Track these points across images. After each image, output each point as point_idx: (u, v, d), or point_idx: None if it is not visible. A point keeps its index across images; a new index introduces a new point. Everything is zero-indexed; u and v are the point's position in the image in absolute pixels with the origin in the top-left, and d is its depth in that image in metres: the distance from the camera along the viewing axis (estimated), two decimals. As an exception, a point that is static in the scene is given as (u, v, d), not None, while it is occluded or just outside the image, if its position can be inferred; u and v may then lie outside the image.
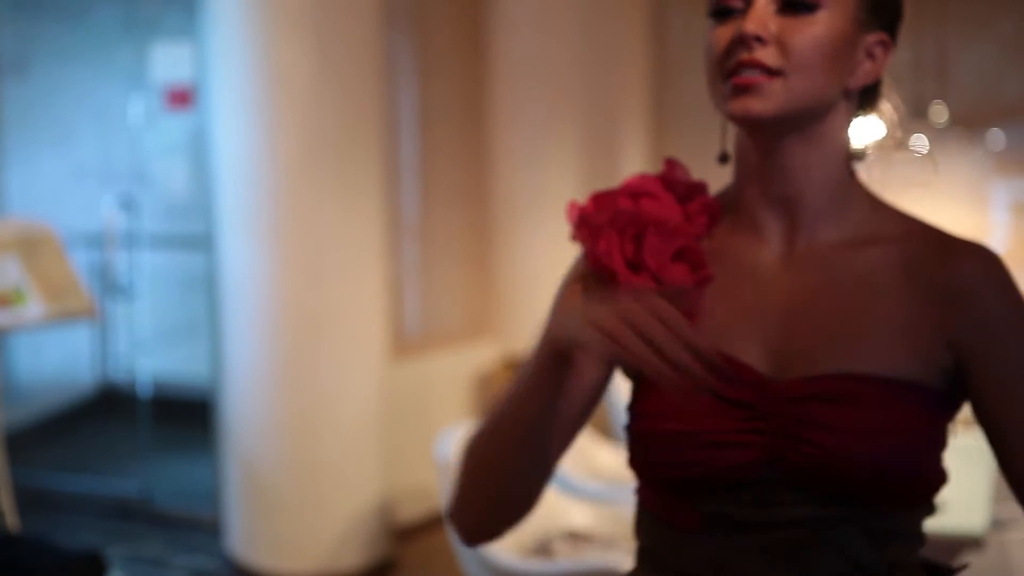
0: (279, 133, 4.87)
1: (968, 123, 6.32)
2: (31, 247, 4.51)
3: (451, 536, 3.76)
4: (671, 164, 1.42)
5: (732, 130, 1.39)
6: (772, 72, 1.28)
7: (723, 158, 1.40)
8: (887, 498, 1.30)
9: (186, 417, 6.50)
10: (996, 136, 6.72)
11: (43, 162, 7.36)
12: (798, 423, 1.27)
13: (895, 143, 1.46)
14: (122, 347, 7.20)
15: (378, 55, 5.15)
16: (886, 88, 1.44)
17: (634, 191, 1.38)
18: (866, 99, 1.41)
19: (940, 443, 1.32)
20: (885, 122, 1.45)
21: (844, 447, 1.26)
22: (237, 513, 5.08)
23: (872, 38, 1.35)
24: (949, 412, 1.34)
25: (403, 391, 5.59)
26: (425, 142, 6.11)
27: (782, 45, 1.28)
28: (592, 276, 1.36)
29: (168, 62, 6.90)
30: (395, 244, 5.74)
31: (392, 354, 5.42)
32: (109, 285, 6.46)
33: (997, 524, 4.08)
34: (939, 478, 1.33)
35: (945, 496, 3.96)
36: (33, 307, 4.40)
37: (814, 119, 1.32)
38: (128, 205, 6.64)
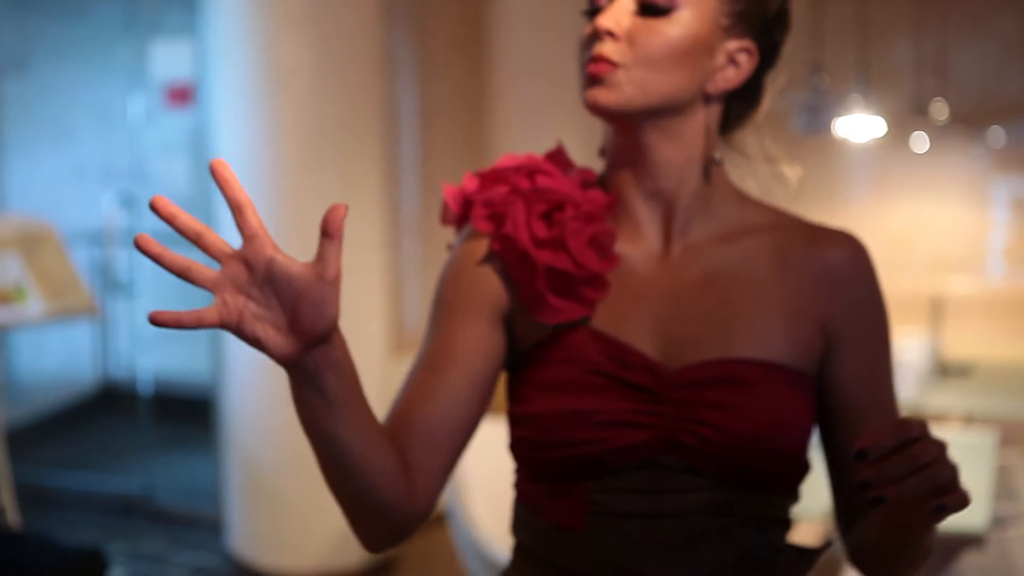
0: (279, 130, 4.88)
1: (968, 121, 6.32)
2: (32, 244, 4.51)
3: (452, 533, 3.76)
4: (560, 148, 1.46)
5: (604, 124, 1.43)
6: (624, 66, 1.32)
7: (603, 152, 1.44)
8: (772, 481, 1.33)
9: (187, 415, 6.50)
10: (996, 134, 6.72)
11: (43, 159, 7.36)
12: (691, 405, 1.30)
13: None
14: (123, 345, 7.20)
15: (378, 52, 5.15)
16: (765, 97, 1.46)
17: (529, 167, 1.41)
18: (740, 105, 1.44)
19: (811, 428, 1.38)
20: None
21: (735, 427, 1.29)
22: (238, 511, 5.09)
23: (734, 44, 1.37)
24: (816, 401, 1.40)
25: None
26: (425, 139, 6.11)
27: (632, 41, 1.32)
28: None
29: (168, 60, 6.90)
30: (396, 241, 5.74)
31: (393, 350, 5.41)
32: (110, 282, 6.46)
33: (997, 521, 4.09)
34: (808, 465, 1.38)
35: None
36: (34, 304, 4.40)
37: (671, 116, 1.36)
38: (128, 203, 6.64)
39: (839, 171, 6.74)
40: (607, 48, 1.33)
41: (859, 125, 3.86)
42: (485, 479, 3.51)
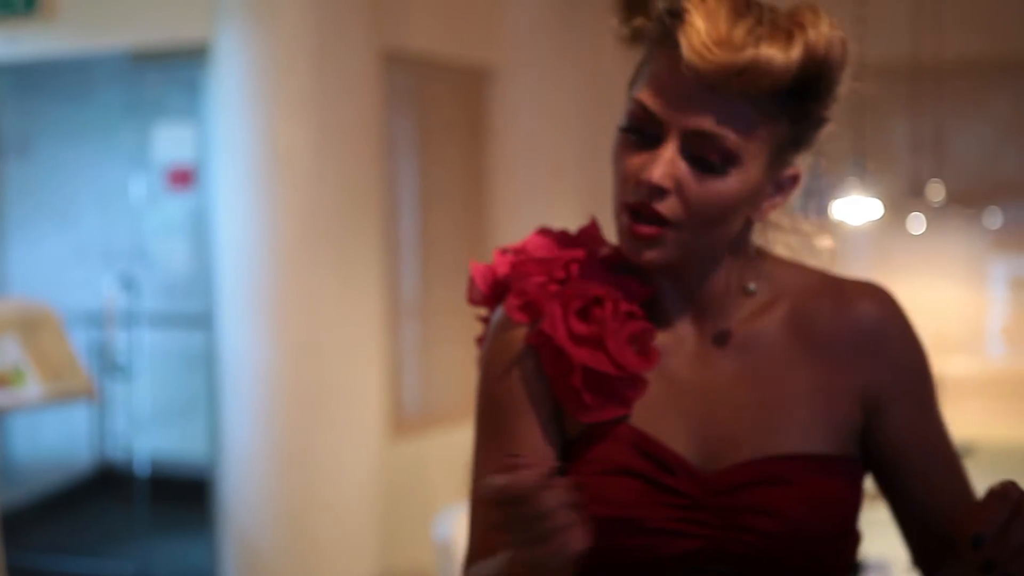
0: (279, 213, 4.90)
1: (965, 201, 6.35)
2: (31, 327, 4.51)
3: (450, 618, 3.72)
4: (593, 224, 1.41)
5: None
6: (673, 224, 1.25)
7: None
8: (826, 571, 1.29)
9: (184, 497, 6.46)
10: (993, 213, 6.75)
11: (45, 241, 7.38)
12: (735, 512, 1.26)
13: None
14: (120, 426, 7.18)
15: (378, 136, 5.19)
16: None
17: (565, 258, 1.35)
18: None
19: (859, 507, 1.33)
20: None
21: (783, 529, 1.25)
22: (235, 595, 5.04)
23: (786, 173, 1.30)
24: (863, 477, 1.35)
25: (402, 470, 5.56)
26: (425, 221, 6.13)
27: (683, 197, 1.24)
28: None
29: (170, 142, 6.95)
30: (394, 323, 5.74)
31: (391, 433, 5.39)
32: (108, 364, 6.45)
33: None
34: (858, 538, 1.34)
35: None
36: (32, 387, 4.39)
37: (714, 250, 1.31)
38: (128, 284, 6.65)
39: (837, 252, 6.76)
40: (660, 206, 1.24)
41: (856, 207, 3.88)
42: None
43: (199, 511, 5.62)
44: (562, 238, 1.38)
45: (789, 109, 1.25)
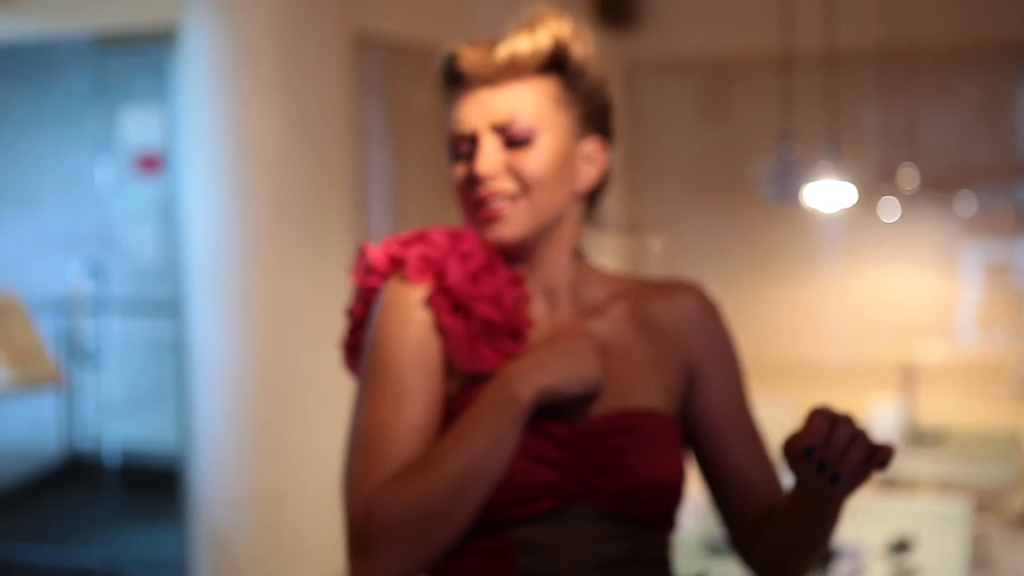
0: (249, 199, 4.85)
1: (938, 186, 6.36)
2: (-4, 314, 4.46)
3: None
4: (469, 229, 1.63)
5: None
6: (513, 196, 1.53)
7: None
8: (669, 518, 1.57)
9: (154, 486, 6.43)
10: (966, 199, 6.76)
11: (9, 227, 7.31)
12: (598, 451, 1.51)
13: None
14: (89, 415, 7.12)
15: (348, 120, 5.15)
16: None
17: (450, 233, 1.58)
18: (594, 199, 1.65)
19: (685, 463, 1.60)
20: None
21: (639, 468, 1.51)
22: (204, 584, 5.00)
23: (589, 145, 1.60)
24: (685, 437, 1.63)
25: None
26: (397, 208, 6.10)
27: (513, 172, 1.53)
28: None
29: (137, 127, 6.89)
30: (366, 310, 5.71)
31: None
32: (76, 351, 6.40)
33: (974, 591, 4.05)
34: (684, 497, 1.60)
35: (921, 563, 3.92)
36: (-4, 375, 4.34)
37: (552, 228, 1.57)
38: (95, 271, 6.59)
39: (809, 239, 6.76)
40: (497, 186, 1.52)
41: (829, 193, 3.86)
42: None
43: (169, 500, 5.59)
44: (443, 228, 1.60)
45: (562, 83, 1.56)
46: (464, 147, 1.55)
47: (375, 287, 1.61)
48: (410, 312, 1.54)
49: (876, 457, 1.37)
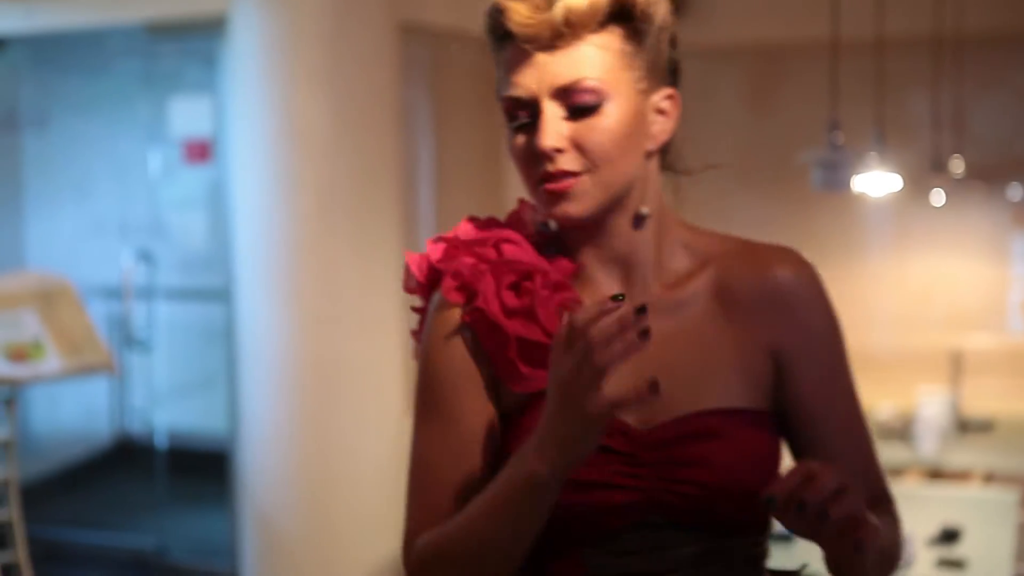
0: (296, 186, 4.89)
1: (986, 176, 6.31)
2: (49, 300, 4.52)
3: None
4: (523, 206, 1.50)
5: None
6: (579, 172, 1.36)
7: (546, 227, 1.46)
8: (754, 522, 1.40)
9: (203, 470, 6.48)
10: (1015, 189, 6.70)
11: (62, 215, 7.39)
12: (670, 465, 1.35)
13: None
14: (139, 400, 7.20)
15: (395, 108, 5.17)
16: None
17: (496, 238, 1.44)
18: (666, 152, 1.49)
19: (779, 460, 1.42)
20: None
21: (714, 480, 1.35)
22: (253, 568, 5.05)
23: (658, 97, 1.42)
24: (779, 429, 1.45)
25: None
26: (442, 195, 6.12)
27: (579, 147, 1.36)
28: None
29: (187, 116, 6.94)
30: (412, 297, 5.73)
31: (410, 408, 5.39)
32: (127, 337, 6.47)
33: (1021, 581, 4.03)
34: None
35: (967, 553, 3.90)
36: (51, 361, 4.40)
37: (624, 194, 1.41)
38: (146, 258, 6.65)
39: (857, 227, 6.73)
40: (562, 162, 1.36)
41: (876, 182, 3.85)
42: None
43: (218, 485, 5.64)
44: (490, 223, 1.48)
45: (624, 32, 1.38)
46: (520, 112, 1.39)
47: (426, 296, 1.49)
48: (449, 334, 1.42)
49: (850, 533, 1.23)
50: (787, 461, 1.43)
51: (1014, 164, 6.72)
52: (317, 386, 4.91)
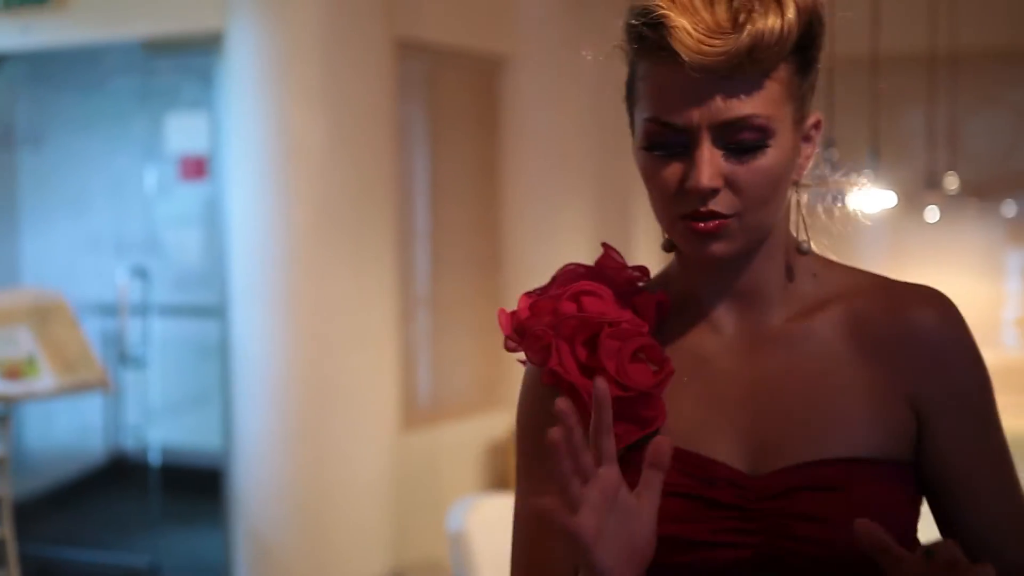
0: (292, 203, 4.89)
1: (981, 193, 6.32)
2: (44, 316, 4.52)
3: (462, 610, 3.71)
4: (608, 251, 1.38)
5: None
6: (728, 217, 1.22)
7: (668, 246, 1.34)
8: None
9: (197, 487, 6.47)
10: (1008, 205, 6.72)
11: (58, 231, 7.39)
12: (784, 518, 1.22)
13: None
14: (133, 416, 7.18)
15: (391, 125, 5.18)
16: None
17: (574, 291, 1.32)
18: None
19: (915, 516, 1.29)
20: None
21: (835, 537, 1.20)
22: (247, 585, 5.04)
23: (807, 124, 1.28)
24: (919, 484, 1.29)
25: (415, 461, 5.55)
26: (438, 211, 6.12)
27: (734, 187, 1.21)
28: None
29: (183, 132, 6.95)
30: (407, 313, 5.73)
31: (404, 424, 5.39)
32: (121, 354, 6.46)
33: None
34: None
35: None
36: (45, 378, 4.40)
37: (769, 232, 1.28)
38: (141, 274, 6.65)
39: (852, 243, 6.74)
40: (715, 203, 1.21)
41: (871, 198, 3.86)
42: (496, 555, 3.48)
43: (212, 502, 5.63)
44: (578, 274, 1.36)
45: (796, 62, 1.22)
46: (668, 137, 1.22)
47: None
48: (535, 395, 1.34)
49: None
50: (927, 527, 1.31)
51: (1008, 181, 6.74)
52: (311, 403, 4.90)
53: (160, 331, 6.91)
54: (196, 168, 6.74)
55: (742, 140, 1.20)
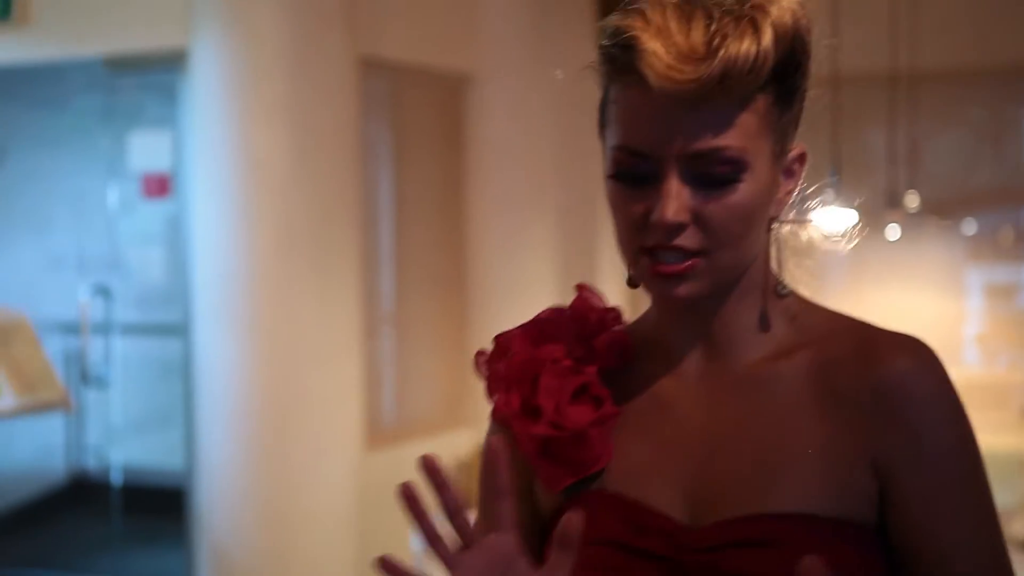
0: (256, 221, 4.88)
1: (941, 211, 6.38)
2: (5, 336, 4.48)
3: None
4: (582, 291, 1.30)
5: None
6: (697, 253, 1.14)
7: (632, 282, 1.24)
8: None
9: (159, 507, 6.43)
10: (968, 223, 6.78)
11: (19, 249, 7.34)
12: (716, 574, 1.13)
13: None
14: (95, 436, 7.13)
15: (355, 143, 5.18)
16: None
17: (535, 333, 1.26)
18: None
19: None
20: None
21: None
22: (210, 605, 5.01)
23: (789, 158, 1.20)
24: (883, 548, 1.16)
25: (379, 481, 5.53)
26: (402, 229, 6.12)
27: (702, 223, 1.13)
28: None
29: (146, 150, 6.93)
30: (372, 331, 5.73)
31: (368, 443, 5.37)
32: (83, 373, 6.42)
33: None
34: None
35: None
36: (6, 399, 4.36)
37: (741, 274, 1.20)
38: (104, 293, 6.61)
39: (814, 262, 6.78)
40: (680, 239, 1.13)
41: (832, 217, 3.89)
42: None
43: (175, 522, 5.59)
44: (537, 320, 1.29)
45: (775, 92, 1.15)
46: (636, 167, 1.15)
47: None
48: (489, 433, 1.29)
49: None
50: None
51: (968, 199, 6.80)
52: (275, 422, 4.88)
53: (122, 350, 6.87)
54: (159, 186, 6.72)
55: (712, 174, 1.12)
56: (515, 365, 1.23)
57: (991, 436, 6.52)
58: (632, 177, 1.15)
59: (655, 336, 1.25)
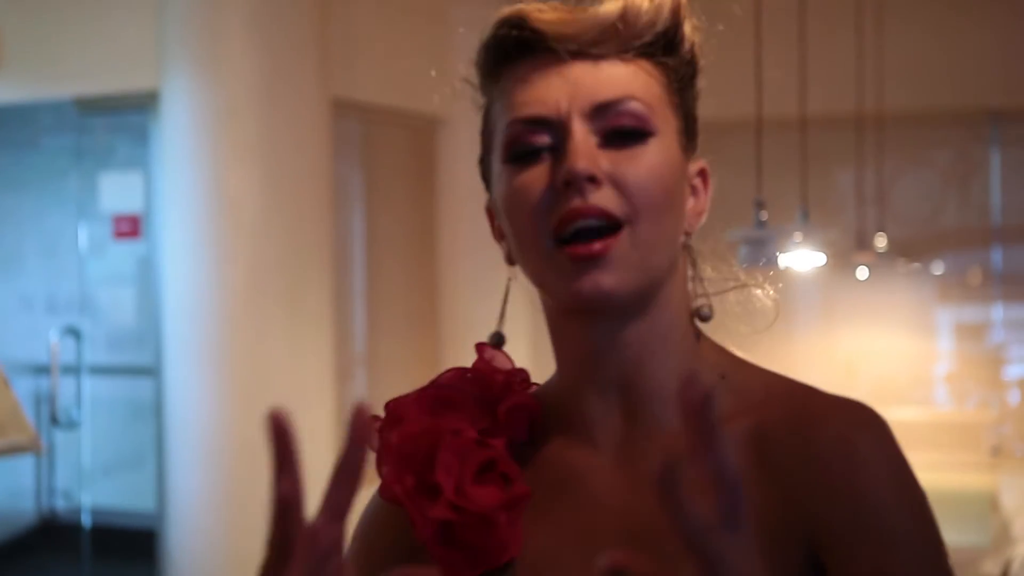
0: (227, 262, 4.88)
1: (909, 252, 6.44)
2: (-26, 378, 4.45)
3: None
4: (483, 352, 1.17)
5: (531, 299, 1.17)
6: (615, 225, 1.02)
7: (498, 340, 1.16)
8: None
9: (130, 549, 6.38)
10: (937, 264, 6.84)
11: (-12, 291, 7.30)
12: None
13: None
14: (65, 479, 7.08)
15: (327, 185, 5.19)
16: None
17: (433, 399, 1.12)
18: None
19: None
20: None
21: None
22: (180, 649, 4.97)
23: (694, 168, 1.11)
24: None
25: (352, 522, 5.52)
26: (375, 272, 6.13)
27: (618, 184, 1.02)
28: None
29: (117, 191, 6.91)
30: (344, 372, 5.72)
31: (340, 484, 5.36)
32: (53, 415, 6.38)
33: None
34: None
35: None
36: (-26, 439, 4.33)
37: (659, 285, 1.07)
38: (74, 334, 6.58)
39: (784, 302, 6.83)
40: (596, 198, 1.01)
41: (802, 258, 3.92)
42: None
43: (146, 564, 5.55)
44: (446, 382, 1.16)
45: (668, 76, 1.08)
46: (536, 138, 1.04)
47: None
48: (367, 508, 1.21)
49: None
50: None
51: (936, 240, 6.86)
52: (247, 464, 4.86)
53: (93, 391, 6.83)
54: (130, 227, 6.70)
55: (622, 124, 1.03)
56: (409, 437, 1.09)
57: (961, 475, 6.57)
58: (532, 153, 1.05)
59: (567, 398, 1.12)
